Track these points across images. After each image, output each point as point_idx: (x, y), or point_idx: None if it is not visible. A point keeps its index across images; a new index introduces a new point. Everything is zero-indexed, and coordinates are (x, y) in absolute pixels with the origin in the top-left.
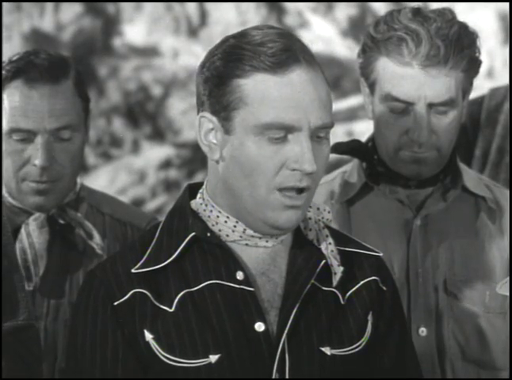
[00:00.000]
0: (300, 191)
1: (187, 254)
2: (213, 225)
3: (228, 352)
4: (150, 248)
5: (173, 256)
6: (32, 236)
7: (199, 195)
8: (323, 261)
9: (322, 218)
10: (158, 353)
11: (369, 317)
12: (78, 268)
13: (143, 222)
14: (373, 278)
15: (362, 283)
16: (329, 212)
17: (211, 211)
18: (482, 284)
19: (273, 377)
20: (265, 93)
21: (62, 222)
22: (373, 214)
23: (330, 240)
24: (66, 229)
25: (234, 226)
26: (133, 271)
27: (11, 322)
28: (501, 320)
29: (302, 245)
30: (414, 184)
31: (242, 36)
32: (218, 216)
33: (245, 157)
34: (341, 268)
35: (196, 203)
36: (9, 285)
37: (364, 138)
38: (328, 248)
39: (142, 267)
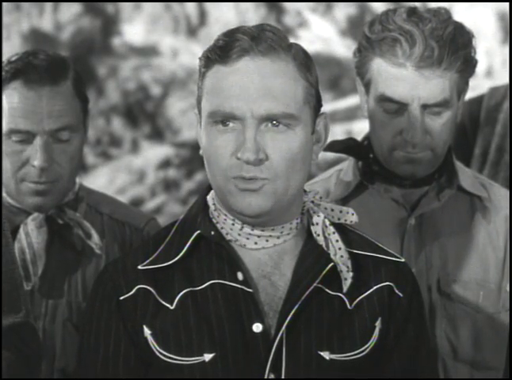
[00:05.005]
0: (251, 178)
1: (195, 252)
2: (217, 222)
3: (223, 352)
4: (163, 245)
5: (179, 256)
6: (30, 236)
7: (212, 191)
8: (331, 264)
9: (346, 220)
10: (154, 349)
11: (377, 324)
12: (76, 268)
13: (142, 222)
14: (387, 284)
15: (375, 288)
16: (353, 214)
17: (214, 210)
18: (476, 284)
19: (266, 377)
20: (215, 82)
21: (60, 221)
22: (368, 212)
23: (341, 245)
24: (65, 229)
25: (233, 224)
26: (139, 267)
27: (11, 319)
28: (494, 320)
29: (311, 249)
30: (409, 184)
31: (225, 31)
32: (219, 215)
33: (204, 147)
34: (351, 274)
35: (209, 200)
36: (9, 282)
37: (361, 138)
38: (337, 253)
39: (149, 264)
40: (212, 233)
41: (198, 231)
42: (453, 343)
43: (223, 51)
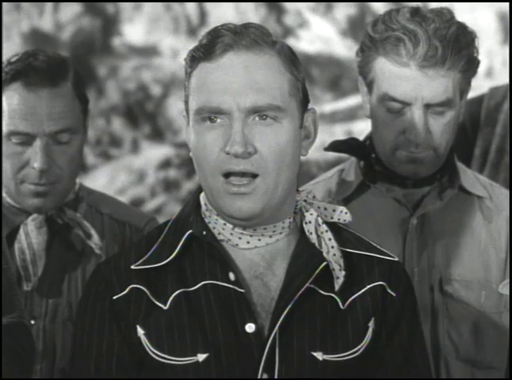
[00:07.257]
0: (243, 174)
1: (188, 253)
2: (209, 222)
3: (217, 352)
4: (156, 245)
5: (171, 257)
6: (30, 236)
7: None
8: (323, 264)
9: (339, 219)
10: (148, 349)
11: (371, 324)
12: (76, 268)
13: (142, 221)
14: (379, 283)
15: (368, 287)
16: (346, 213)
17: (206, 209)
18: (478, 284)
19: (259, 377)
20: (201, 79)
21: (60, 222)
22: (370, 212)
23: (333, 243)
24: (65, 229)
25: (224, 224)
26: (132, 267)
27: (4, 319)
28: (496, 320)
29: (304, 249)
30: (411, 183)
31: (209, 30)
32: (211, 215)
33: (193, 146)
34: (343, 273)
35: (201, 200)
36: (3, 282)
37: (362, 138)
38: (330, 252)
39: (142, 264)
40: (204, 232)
41: (190, 231)
42: (455, 342)
43: (207, 48)
